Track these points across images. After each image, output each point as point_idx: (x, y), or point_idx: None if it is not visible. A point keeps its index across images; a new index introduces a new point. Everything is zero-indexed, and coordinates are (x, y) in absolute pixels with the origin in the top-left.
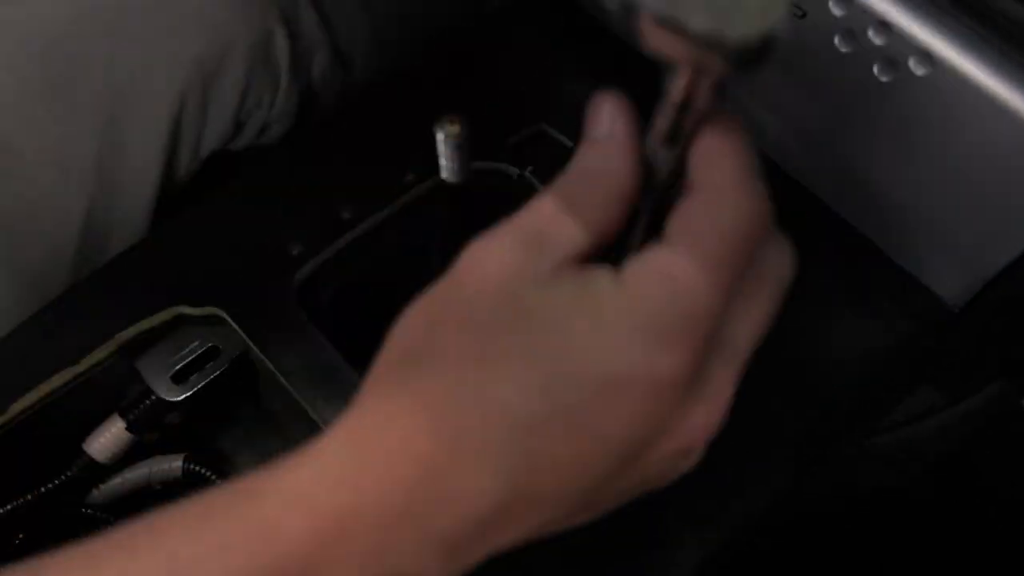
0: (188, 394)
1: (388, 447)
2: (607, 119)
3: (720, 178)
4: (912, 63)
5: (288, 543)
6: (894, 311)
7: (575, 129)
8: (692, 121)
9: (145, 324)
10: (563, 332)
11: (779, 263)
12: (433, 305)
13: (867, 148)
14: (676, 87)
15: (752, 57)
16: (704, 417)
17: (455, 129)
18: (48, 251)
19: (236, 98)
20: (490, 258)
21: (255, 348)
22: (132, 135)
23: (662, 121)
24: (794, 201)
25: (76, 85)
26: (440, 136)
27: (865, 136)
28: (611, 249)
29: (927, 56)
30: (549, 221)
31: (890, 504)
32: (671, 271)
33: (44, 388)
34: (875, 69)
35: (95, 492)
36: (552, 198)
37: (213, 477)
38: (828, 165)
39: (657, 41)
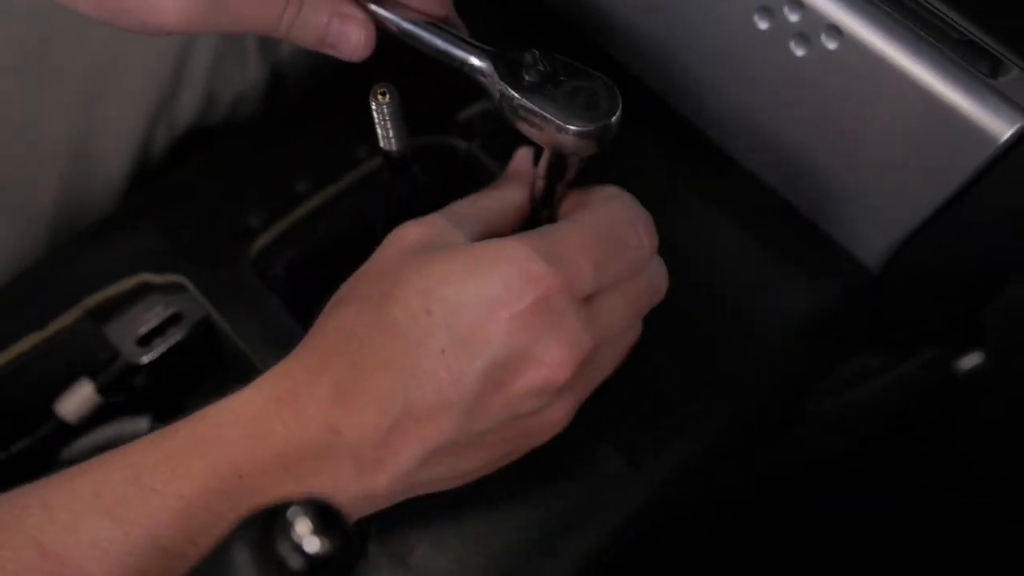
0: (153, 357)
1: (306, 368)
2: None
3: (592, 197)
4: (823, 37)
5: (224, 449)
6: (819, 274)
7: None
8: (562, 189)
9: (110, 291)
10: (445, 269)
11: (658, 274)
12: (362, 268)
13: (787, 118)
14: (541, 164)
15: (598, 139)
16: (559, 356)
17: (385, 99)
18: (21, 223)
19: (206, 72)
20: (409, 230)
21: (215, 314)
22: (109, 111)
23: (537, 189)
24: (722, 171)
25: (50, 62)
26: (372, 106)
27: (784, 107)
28: None
29: (836, 30)
30: (465, 210)
31: (840, 472)
32: (532, 241)
33: (12, 351)
34: (791, 44)
35: (64, 451)
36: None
37: None
38: (752, 136)
39: (529, 131)
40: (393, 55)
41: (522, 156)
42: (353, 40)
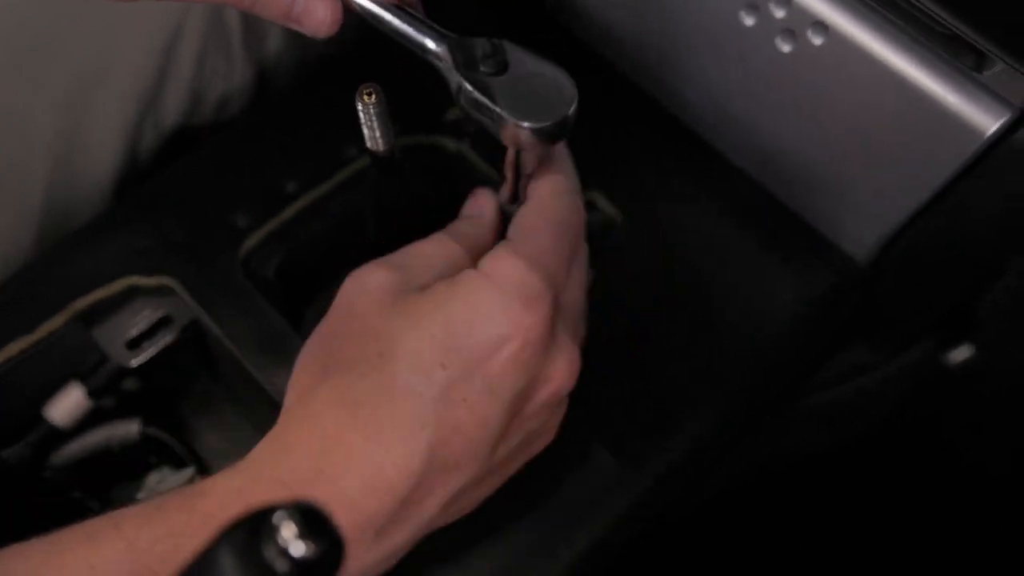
0: (143, 360)
1: (311, 445)
2: (480, 205)
3: (540, 193)
4: (809, 33)
5: None
6: (808, 270)
7: None
8: (525, 183)
9: (99, 294)
10: (446, 317)
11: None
12: (332, 326)
13: (774, 114)
14: (508, 162)
15: (553, 135)
16: (564, 365)
17: (371, 99)
18: (8, 226)
19: (192, 70)
20: (372, 275)
21: (205, 316)
22: (95, 112)
23: (505, 187)
24: (710, 167)
25: (38, 63)
26: (358, 106)
27: (771, 103)
28: None
29: (822, 26)
30: (436, 249)
31: (830, 466)
32: (515, 257)
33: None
34: (777, 40)
35: (54, 456)
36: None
37: (169, 440)
38: (739, 132)
39: (485, 124)
40: (382, 54)
41: (481, 200)
42: (319, 16)
